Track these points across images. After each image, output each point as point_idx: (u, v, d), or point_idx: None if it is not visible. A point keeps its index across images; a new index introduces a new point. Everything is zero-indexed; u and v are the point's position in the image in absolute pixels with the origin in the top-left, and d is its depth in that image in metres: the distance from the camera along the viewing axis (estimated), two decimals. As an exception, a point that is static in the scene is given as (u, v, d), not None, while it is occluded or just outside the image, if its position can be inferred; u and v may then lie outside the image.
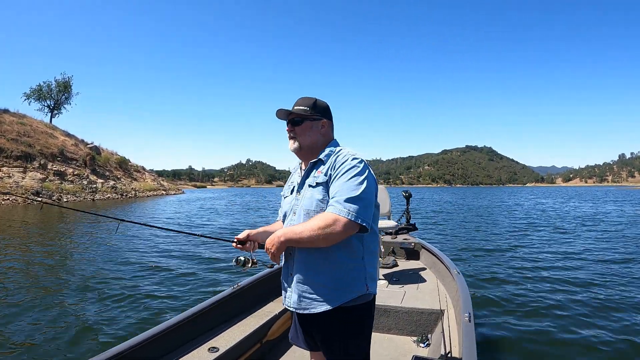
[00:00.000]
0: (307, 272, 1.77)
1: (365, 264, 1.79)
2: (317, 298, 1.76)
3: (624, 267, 7.74)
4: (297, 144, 1.92)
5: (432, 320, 3.50)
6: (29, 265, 8.13)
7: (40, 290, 6.29)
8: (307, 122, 1.91)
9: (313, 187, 1.82)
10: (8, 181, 31.28)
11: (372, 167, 1.84)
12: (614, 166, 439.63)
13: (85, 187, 38.34)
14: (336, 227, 1.62)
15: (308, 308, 1.78)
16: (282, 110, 1.92)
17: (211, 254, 9.47)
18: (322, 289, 1.75)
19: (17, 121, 40.92)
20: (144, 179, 54.55)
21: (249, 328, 3.14)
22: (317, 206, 1.77)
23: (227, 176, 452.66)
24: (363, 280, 1.77)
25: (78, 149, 44.75)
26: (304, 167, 1.96)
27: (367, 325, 1.84)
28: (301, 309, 1.80)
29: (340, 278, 1.74)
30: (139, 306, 5.50)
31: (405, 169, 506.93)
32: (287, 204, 1.97)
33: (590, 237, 12.41)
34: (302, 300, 1.79)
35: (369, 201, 1.71)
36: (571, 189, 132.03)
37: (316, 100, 1.94)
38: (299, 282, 1.80)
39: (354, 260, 1.76)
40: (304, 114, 1.90)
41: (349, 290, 1.74)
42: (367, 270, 1.79)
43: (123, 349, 2.34)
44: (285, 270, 1.89)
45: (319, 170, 1.84)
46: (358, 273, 1.77)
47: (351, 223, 1.63)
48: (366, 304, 1.80)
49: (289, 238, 1.71)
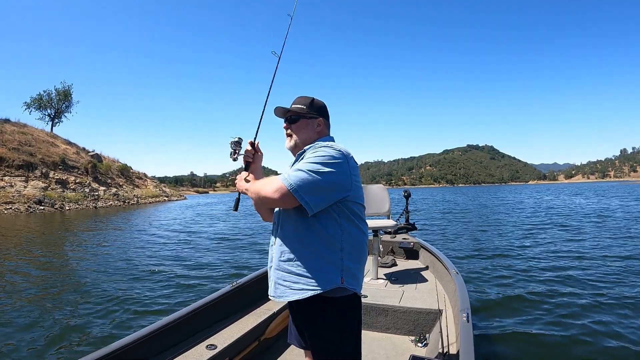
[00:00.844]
0: (283, 260, 1.79)
1: (343, 257, 1.75)
2: (290, 286, 1.75)
3: (626, 265, 7.68)
4: (293, 142, 1.95)
5: (430, 320, 3.49)
6: (32, 269, 8.15)
7: (40, 291, 6.33)
8: (303, 120, 1.94)
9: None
10: (10, 190, 31.34)
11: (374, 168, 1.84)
12: (616, 161, 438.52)
13: (88, 195, 38.39)
14: (274, 194, 1.67)
15: (282, 296, 1.78)
16: (280, 108, 1.96)
17: (210, 260, 9.46)
18: (295, 277, 1.75)
19: (18, 130, 41.03)
20: (145, 185, 54.59)
21: (246, 326, 3.15)
22: None
23: (229, 181, 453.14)
24: (338, 272, 1.73)
25: (79, 157, 44.85)
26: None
27: (349, 323, 1.79)
28: (276, 297, 1.81)
29: (313, 268, 1.73)
30: (136, 307, 5.52)
31: (407, 170, 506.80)
32: None
33: (590, 235, 12.37)
34: (277, 287, 1.80)
35: (318, 184, 1.66)
36: (573, 186, 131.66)
37: (313, 99, 1.97)
38: (276, 269, 1.82)
39: (330, 252, 1.74)
40: (301, 112, 1.93)
41: (321, 280, 1.72)
42: (344, 263, 1.75)
43: (120, 346, 2.35)
44: (269, 260, 1.91)
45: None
46: (333, 265, 1.73)
47: (289, 195, 1.65)
48: (346, 298, 1.76)
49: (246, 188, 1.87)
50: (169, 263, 9.09)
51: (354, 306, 1.81)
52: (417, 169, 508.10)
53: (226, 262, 9.10)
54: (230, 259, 9.42)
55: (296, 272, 1.75)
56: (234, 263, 8.94)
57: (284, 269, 1.78)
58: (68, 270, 8.51)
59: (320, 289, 1.71)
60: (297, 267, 1.75)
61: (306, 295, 1.71)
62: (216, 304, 3.21)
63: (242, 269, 8.22)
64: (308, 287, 1.72)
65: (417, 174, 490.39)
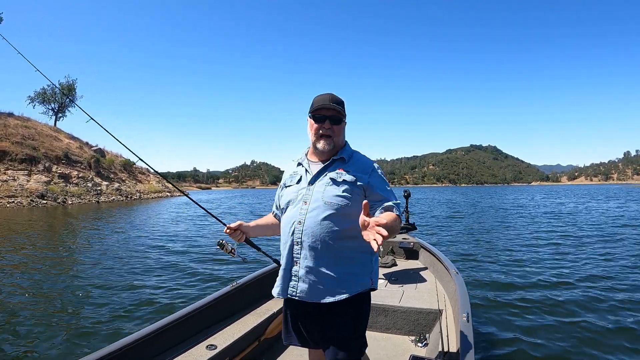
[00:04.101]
0: (318, 263, 1.80)
1: (372, 259, 1.88)
2: (326, 289, 1.80)
3: (627, 268, 7.66)
4: (332, 144, 1.91)
5: (430, 320, 3.49)
6: (33, 263, 8.19)
7: (41, 288, 6.35)
8: (343, 123, 1.95)
9: (337, 182, 1.85)
10: (13, 184, 31.47)
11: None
12: (619, 164, 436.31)
13: (90, 189, 38.49)
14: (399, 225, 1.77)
15: (317, 298, 1.81)
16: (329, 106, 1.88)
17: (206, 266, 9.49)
18: (332, 280, 1.80)
19: (22, 124, 41.09)
20: (148, 181, 54.71)
21: (246, 326, 3.15)
22: (341, 200, 1.82)
23: (232, 177, 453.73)
24: (369, 274, 1.86)
25: (82, 151, 44.97)
26: (313, 160, 2.00)
27: (366, 317, 1.90)
28: (309, 298, 1.82)
29: (349, 271, 1.81)
30: (138, 306, 5.54)
31: (409, 169, 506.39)
32: (293, 193, 1.97)
33: (591, 237, 12.34)
34: (312, 290, 1.82)
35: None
36: (576, 188, 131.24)
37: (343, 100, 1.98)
38: (310, 272, 1.82)
39: (363, 255, 1.84)
40: (343, 113, 1.92)
41: (357, 283, 1.82)
42: (373, 265, 1.89)
43: (120, 347, 2.35)
44: (289, 260, 1.89)
45: (342, 168, 1.89)
46: (365, 267, 1.85)
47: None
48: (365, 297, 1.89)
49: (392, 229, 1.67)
50: (169, 258, 9.11)
51: (370, 299, 1.95)
52: (420, 168, 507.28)
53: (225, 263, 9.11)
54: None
55: (332, 276, 1.80)
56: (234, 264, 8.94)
57: (320, 272, 1.81)
58: (69, 265, 8.55)
59: (356, 291, 1.81)
60: (334, 271, 1.80)
61: (342, 297, 1.79)
62: (216, 304, 3.21)
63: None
64: (344, 289, 1.80)
65: (420, 173, 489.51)
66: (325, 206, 1.83)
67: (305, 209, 1.86)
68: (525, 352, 4.05)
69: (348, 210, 1.81)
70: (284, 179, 2.10)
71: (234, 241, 2.19)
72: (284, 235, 1.94)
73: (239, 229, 2.13)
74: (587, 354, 4.02)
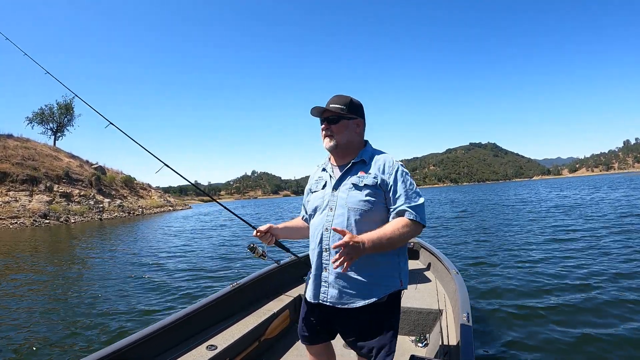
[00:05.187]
0: (351, 268, 1.80)
1: (400, 261, 1.91)
2: (357, 294, 1.83)
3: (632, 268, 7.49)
4: (333, 142, 1.94)
5: (431, 320, 3.48)
6: (37, 281, 8.17)
7: (45, 300, 6.33)
8: (344, 121, 1.94)
9: (359, 187, 1.87)
10: (15, 205, 31.51)
11: None
12: (620, 153, 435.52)
13: (92, 207, 38.51)
14: (413, 230, 1.78)
15: (348, 303, 1.84)
16: (318, 108, 1.96)
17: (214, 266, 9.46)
18: (361, 284, 1.82)
19: (21, 145, 41.22)
20: (150, 196, 54.69)
21: (247, 327, 3.16)
22: (364, 205, 1.84)
23: (234, 189, 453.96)
24: (397, 276, 1.88)
25: (83, 169, 45.03)
26: (334, 163, 2.02)
27: (397, 316, 1.93)
28: (340, 304, 1.86)
29: (378, 274, 1.84)
30: (137, 318, 5.53)
31: (411, 171, 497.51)
32: (319, 199, 1.99)
33: (588, 232, 12.25)
34: (342, 295, 1.85)
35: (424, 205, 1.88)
36: (578, 180, 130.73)
37: (352, 99, 1.96)
38: (339, 277, 1.85)
39: (390, 258, 1.86)
40: (340, 112, 1.92)
41: (386, 285, 1.84)
42: (401, 266, 1.91)
43: (121, 347, 2.36)
44: (319, 266, 1.92)
45: (363, 171, 1.90)
46: (393, 269, 1.87)
47: (422, 227, 1.82)
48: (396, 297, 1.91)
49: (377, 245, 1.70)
50: (171, 272, 9.11)
51: (400, 299, 1.97)
52: (421, 170, 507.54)
53: (228, 268, 9.12)
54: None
55: (364, 280, 1.83)
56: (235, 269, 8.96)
57: (349, 277, 1.83)
58: (72, 281, 8.53)
59: (385, 293, 1.84)
60: (363, 275, 1.83)
61: (372, 301, 1.82)
62: (216, 304, 3.23)
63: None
64: (374, 292, 1.83)
65: (421, 175, 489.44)
66: (349, 212, 1.85)
67: (332, 216, 1.90)
68: (525, 352, 4.02)
69: (372, 214, 1.84)
70: (310, 184, 2.14)
71: (264, 244, 2.20)
72: (313, 242, 1.98)
73: (269, 232, 2.17)
74: (589, 354, 3.97)
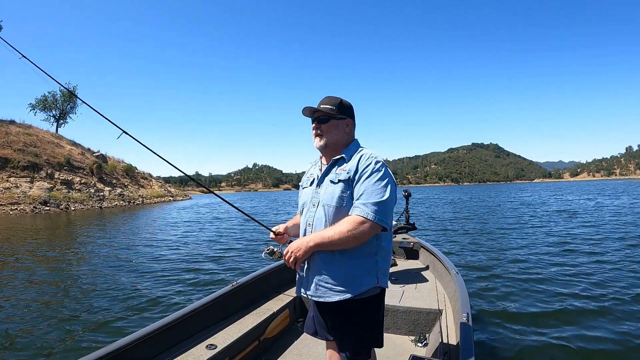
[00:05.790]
0: (324, 263, 1.86)
1: (378, 259, 1.89)
2: (332, 288, 1.85)
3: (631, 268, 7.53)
4: (323, 142, 2.00)
5: (430, 320, 3.48)
6: (36, 269, 8.19)
7: (44, 292, 6.36)
8: (333, 121, 2.00)
9: (334, 183, 1.90)
10: (15, 191, 31.53)
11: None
12: (622, 159, 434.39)
13: (93, 195, 38.54)
14: (364, 229, 1.75)
15: (323, 296, 1.88)
16: (309, 108, 2.01)
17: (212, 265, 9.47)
18: (337, 280, 1.85)
19: (24, 132, 41.22)
20: (150, 185, 54.72)
21: (247, 326, 3.16)
22: (337, 202, 1.87)
23: (234, 181, 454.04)
24: (374, 274, 1.88)
25: (84, 157, 45.02)
26: (324, 162, 2.05)
27: (375, 316, 1.94)
28: (316, 297, 1.90)
29: (354, 271, 1.84)
30: (137, 306, 5.54)
31: (412, 169, 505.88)
32: (307, 195, 2.06)
33: (590, 236, 12.25)
34: (318, 288, 1.89)
35: (391, 205, 1.83)
36: (579, 184, 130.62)
37: (342, 100, 2.02)
38: (316, 272, 1.89)
39: (367, 256, 1.87)
40: (331, 112, 1.97)
41: (361, 283, 1.85)
42: (379, 265, 1.90)
43: (120, 346, 2.36)
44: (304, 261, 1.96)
45: (341, 167, 1.92)
46: (371, 267, 1.87)
47: (376, 225, 1.77)
48: (375, 295, 1.90)
49: (319, 243, 1.82)
50: (171, 262, 9.11)
51: (381, 298, 1.98)
52: (422, 168, 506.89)
53: (224, 263, 9.13)
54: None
55: (337, 276, 1.84)
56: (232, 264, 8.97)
57: (325, 272, 1.86)
58: (71, 270, 8.54)
59: (360, 290, 1.84)
60: (338, 271, 1.84)
61: (347, 296, 1.84)
62: (216, 303, 3.23)
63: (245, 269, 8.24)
64: (348, 289, 1.84)
65: (422, 173, 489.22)
66: (327, 208, 1.89)
67: (313, 211, 1.96)
68: (525, 353, 4.03)
69: (346, 210, 1.85)
70: (302, 181, 2.19)
71: (279, 245, 2.22)
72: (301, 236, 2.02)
73: (285, 232, 2.22)
74: (589, 353, 3.98)
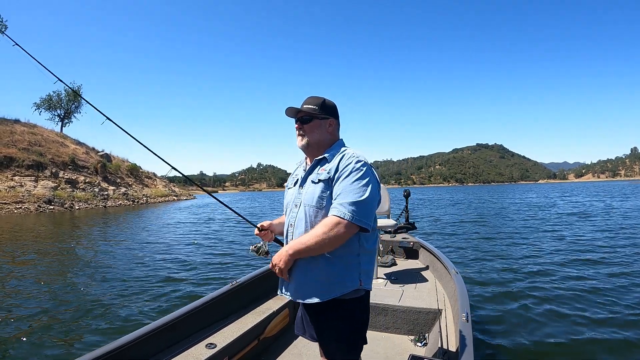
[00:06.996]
0: (305, 264, 1.83)
1: (361, 261, 1.85)
2: (311, 290, 1.83)
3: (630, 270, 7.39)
4: (305, 141, 1.99)
5: (430, 320, 3.47)
6: (40, 267, 8.24)
7: (47, 291, 6.38)
8: (316, 121, 1.99)
9: (315, 183, 1.89)
10: (20, 190, 31.73)
11: (383, 167, 1.85)
12: (627, 160, 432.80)
13: (97, 194, 38.74)
14: (339, 229, 1.71)
15: (303, 298, 1.85)
16: (292, 109, 2.01)
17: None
18: (317, 281, 1.82)
19: (28, 131, 41.48)
20: (155, 185, 54.94)
21: (246, 325, 3.16)
22: (317, 202, 1.84)
23: (239, 181, 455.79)
24: (357, 275, 1.83)
25: (89, 157, 45.25)
26: (309, 163, 2.04)
27: (359, 319, 1.89)
28: (297, 298, 1.88)
29: (335, 273, 1.81)
30: (137, 307, 5.54)
31: (416, 169, 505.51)
32: (290, 195, 2.05)
33: (593, 236, 12.19)
34: (297, 290, 1.87)
35: (371, 204, 1.78)
36: (584, 185, 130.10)
37: (324, 100, 2.01)
38: (297, 273, 1.86)
39: (349, 257, 1.82)
40: (313, 112, 1.97)
41: (342, 284, 1.81)
42: (362, 266, 1.85)
43: (120, 345, 2.35)
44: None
45: (323, 167, 1.90)
46: (353, 269, 1.83)
47: (353, 225, 1.72)
48: (358, 298, 1.86)
49: (297, 250, 1.78)
50: (172, 262, 9.13)
51: (366, 301, 1.94)
52: (427, 168, 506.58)
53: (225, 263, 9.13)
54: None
55: (319, 277, 1.82)
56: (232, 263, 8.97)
57: (306, 273, 1.84)
58: (71, 270, 8.58)
59: (341, 292, 1.81)
60: (319, 272, 1.82)
61: (328, 298, 1.81)
62: (216, 303, 3.23)
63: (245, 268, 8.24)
64: (330, 290, 1.81)
65: (427, 173, 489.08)
66: (308, 208, 1.88)
67: (295, 212, 1.94)
68: (524, 353, 4.00)
69: (327, 210, 1.82)
70: (287, 181, 2.19)
71: (265, 242, 2.22)
72: (284, 237, 2.03)
73: (269, 228, 2.22)
74: (589, 353, 3.96)
